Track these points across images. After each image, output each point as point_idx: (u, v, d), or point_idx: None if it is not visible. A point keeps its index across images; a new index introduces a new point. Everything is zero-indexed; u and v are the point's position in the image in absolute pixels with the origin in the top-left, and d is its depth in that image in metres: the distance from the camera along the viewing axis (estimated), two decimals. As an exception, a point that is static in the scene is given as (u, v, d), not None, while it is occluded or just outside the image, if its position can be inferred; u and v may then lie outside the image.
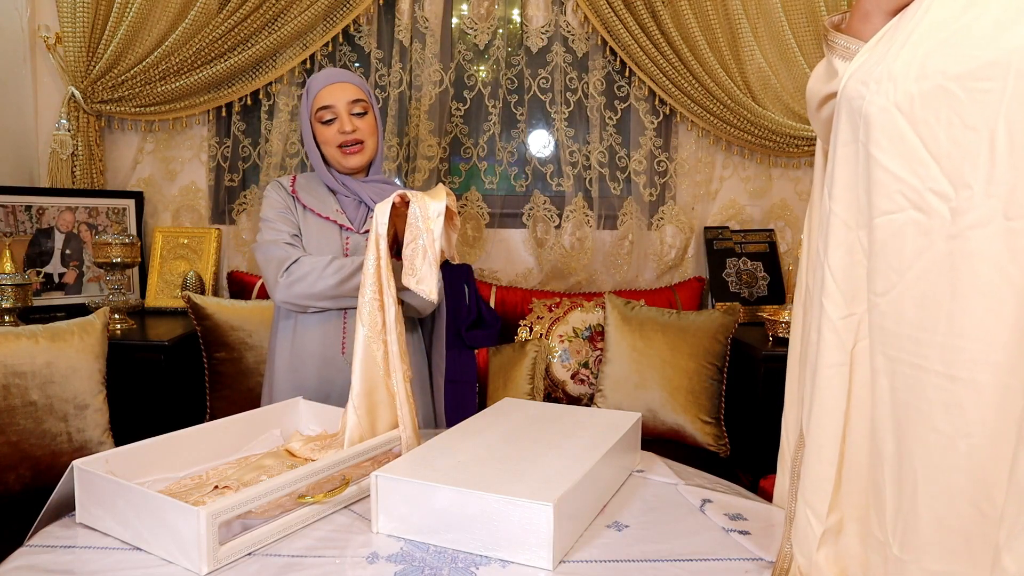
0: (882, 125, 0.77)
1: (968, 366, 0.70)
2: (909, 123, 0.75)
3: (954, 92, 0.72)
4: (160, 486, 1.13)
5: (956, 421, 0.71)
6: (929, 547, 0.74)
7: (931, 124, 0.74)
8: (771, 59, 2.69)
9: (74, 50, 2.49)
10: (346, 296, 1.59)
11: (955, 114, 0.72)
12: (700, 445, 2.27)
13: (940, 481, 0.73)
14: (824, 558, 0.87)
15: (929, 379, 0.73)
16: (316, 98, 1.68)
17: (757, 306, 2.76)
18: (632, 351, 2.34)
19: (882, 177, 0.78)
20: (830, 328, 0.85)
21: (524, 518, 0.96)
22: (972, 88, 0.70)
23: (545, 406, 1.46)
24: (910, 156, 0.75)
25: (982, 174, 0.70)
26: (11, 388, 1.64)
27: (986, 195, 0.69)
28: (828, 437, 0.86)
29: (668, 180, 2.88)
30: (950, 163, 0.72)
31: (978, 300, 0.70)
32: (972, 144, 0.71)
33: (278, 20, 2.59)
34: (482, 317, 2.42)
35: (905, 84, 0.76)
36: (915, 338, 0.75)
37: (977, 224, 0.70)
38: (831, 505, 0.86)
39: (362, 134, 1.68)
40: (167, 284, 2.67)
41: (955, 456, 0.72)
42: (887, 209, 0.78)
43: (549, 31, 2.75)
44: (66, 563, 0.98)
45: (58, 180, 2.57)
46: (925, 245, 0.74)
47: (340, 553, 1.01)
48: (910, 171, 0.76)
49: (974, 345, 0.70)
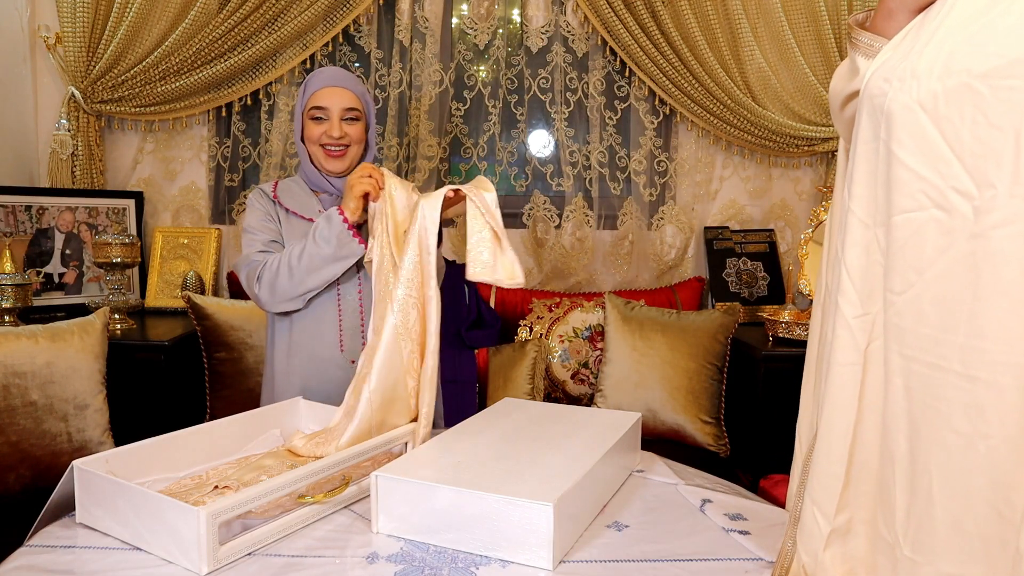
0: (905, 123, 0.77)
1: (989, 367, 0.70)
2: (932, 121, 0.75)
3: (979, 90, 0.71)
4: (160, 486, 1.13)
5: (975, 422, 0.71)
6: (945, 549, 0.74)
7: (955, 122, 0.73)
8: (771, 59, 2.69)
9: (74, 50, 2.49)
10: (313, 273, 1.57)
11: (980, 112, 0.71)
12: (700, 445, 2.27)
13: (957, 482, 0.72)
14: (831, 558, 0.86)
15: (948, 379, 0.73)
16: (313, 96, 1.69)
17: (757, 306, 2.76)
18: (632, 351, 2.34)
19: (903, 175, 0.77)
20: (844, 326, 0.85)
21: (524, 518, 0.96)
22: (997, 86, 0.70)
23: (545, 406, 1.46)
24: (933, 154, 0.75)
25: (1007, 173, 0.69)
26: (11, 388, 1.64)
27: (1010, 195, 0.69)
28: (838, 435, 0.85)
29: (668, 180, 2.88)
30: (974, 162, 0.72)
31: (1000, 301, 0.69)
32: (997, 143, 0.70)
33: (278, 20, 2.59)
34: (482, 317, 2.42)
35: (929, 82, 0.75)
36: (934, 338, 0.74)
37: (1001, 224, 0.69)
38: (840, 505, 0.86)
39: (349, 140, 1.69)
40: (167, 284, 2.67)
41: (974, 457, 0.71)
42: (908, 207, 0.77)
43: (549, 31, 2.75)
44: (66, 563, 0.98)
45: (58, 180, 2.57)
46: (947, 244, 0.74)
47: (340, 553, 1.01)
48: (932, 169, 0.75)
49: (995, 346, 0.69)
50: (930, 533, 0.74)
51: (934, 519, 0.74)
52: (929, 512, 0.74)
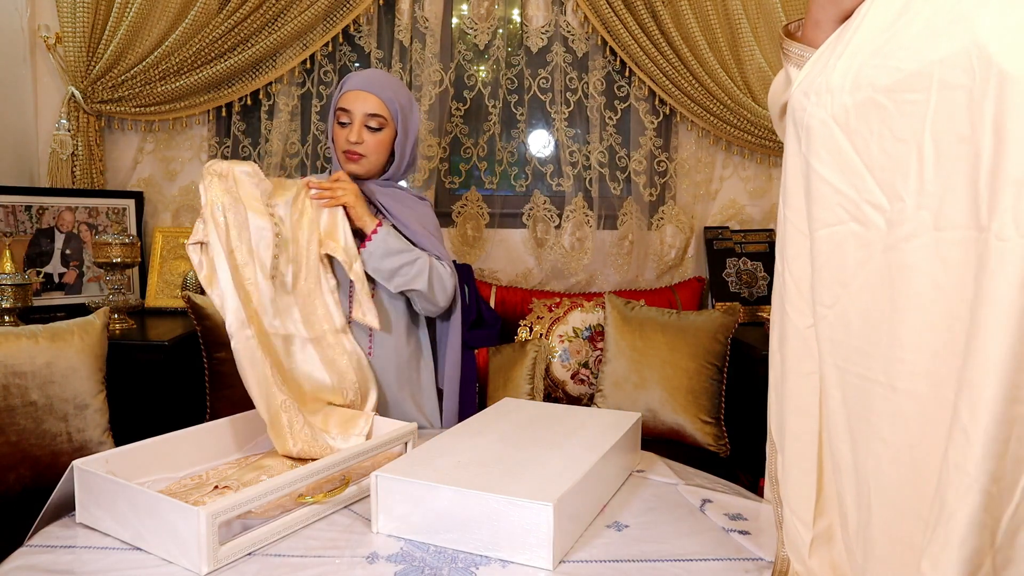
0: (822, 137, 0.77)
1: (908, 377, 0.70)
2: (845, 135, 0.75)
3: (883, 104, 0.71)
4: (160, 486, 1.13)
5: (899, 432, 0.71)
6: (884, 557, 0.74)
7: (864, 136, 0.73)
8: (771, 59, 2.69)
9: (74, 50, 2.49)
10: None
11: (885, 126, 0.71)
12: (700, 445, 2.27)
13: (889, 492, 0.73)
14: (818, 563, 0.86)
15: (875, 390, 0.73)
16: (341, 97, 1.69)
17: (757, 306, 2.76)
18: (632, 351, 2.34)
19: (822, 189, 0.78)
20: (797, 336, 0.85)
21: (524, 518, 0.96)
22: (900, 100, 0.70)
23: (545, 406, 1.46)
24: (848, 168, 0.75)
25: (913, 186, 0.69)
26: (11, 388, 1.64)
27: (917, 207, 0.69)
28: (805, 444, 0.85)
29: (668, 180, 2.88)
30: (883, 175, 0.72)
31: (914, 311, 0.70)
32: (902, 156, 0.70)
33: (278, 20, 2.59)
34: (482, 317, 2.42)
35: (841, 96, 0.75)
36: (862, 350, 0.75)
37: (910, 236, 0.70)
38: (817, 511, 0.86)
39: (365, 148, 1.67)
40: (167, 284, 2.67)
41: (900, 467, 0.71)
42: (828, 221, 0.77)
43: (549, 31, 2.75)
44: (66, 563, 0.98)
45: (58, 180, 2.57)
46: (865, 257, 0.74)
47: (340, 553, 1.01)
48: (848, 183, 0.75)
49: (912, 356, 0.70)
50: (871, 541, 0.75)
51: (872, 527, 0.74)
52: (868, 520, 0.75)
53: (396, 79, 1.78)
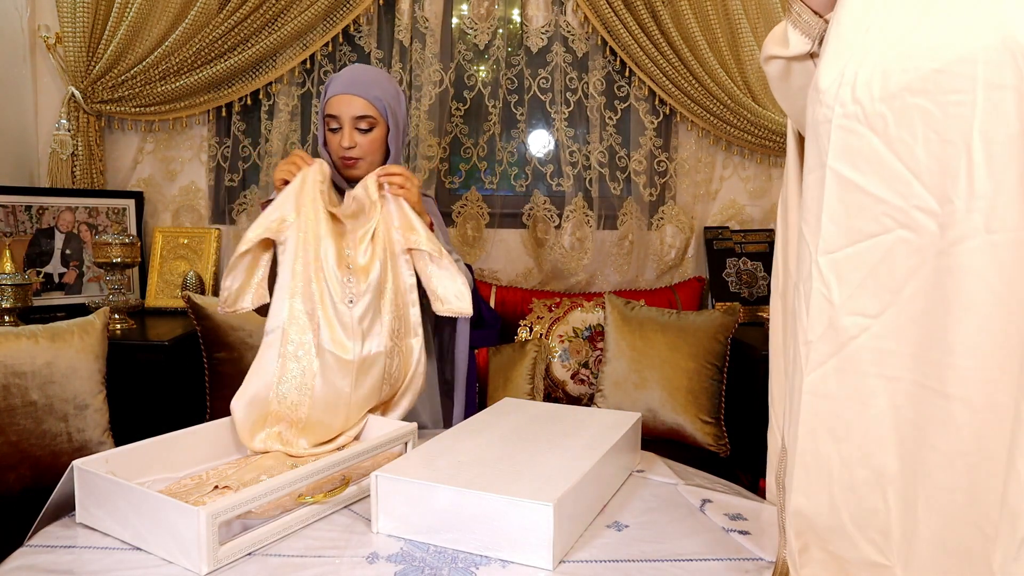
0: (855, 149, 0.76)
1: (961, 384, 0.70)
2: (885, 144, 0.74)
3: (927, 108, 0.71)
4: (160, 486, 1.13)
5: (952, 439, 0.71)
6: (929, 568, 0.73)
7: (908, 142, 0.73)
8: (771, 59, 2.69)
9: (74, 50, 2.49)
10: None
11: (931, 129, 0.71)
12: (700, 445, 2.27)
13: (941, 501, 0.72)
14: None
15: (927, 397, 0.73)
16: (327, 103, 1.64)
17: (757, 306, 2.76)
18: (632, 351, 2.34)
19: (862, 200, 0.77)
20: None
21: (524, 518, 0.96)
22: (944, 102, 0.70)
23: (545, 406, 1.46)
24: (890, 176, 0.74)
25: (963, 188, 0.69)
26: (11, 388, 1.64)
27: (968, 209, 0.69)
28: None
29: (668, 180, 2.88)
30: (932, 179, 0.71)
31: (967, 316, 0.69)
32: (951, 158, 0.70)
33: (278, 20, 2.59)
34: (482, 317, 2.42)
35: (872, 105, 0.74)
36: (916, 356, 0.74)
37: (961, 239, 0.69)
38: None
39: (361, 151, 1.63)
40: (167, 284, 2.67)
41: (953, 475, 0.71)
42: (873, 232, 0.76)
43: (549, 31, 2.75)
44: (66, 563, 0.98)
45: (58, 180, 2.57)
46: (918, 263, 0.73)
47: (340, 553, 1.01)
48: (892, 191, 0.74)
49: (965, 362, 0.69)
50: (916, 552, 0.74)
51: (918, 536, 0.74)
52: (915, 531, 0.74)
53: (378, 72, 1.71)
